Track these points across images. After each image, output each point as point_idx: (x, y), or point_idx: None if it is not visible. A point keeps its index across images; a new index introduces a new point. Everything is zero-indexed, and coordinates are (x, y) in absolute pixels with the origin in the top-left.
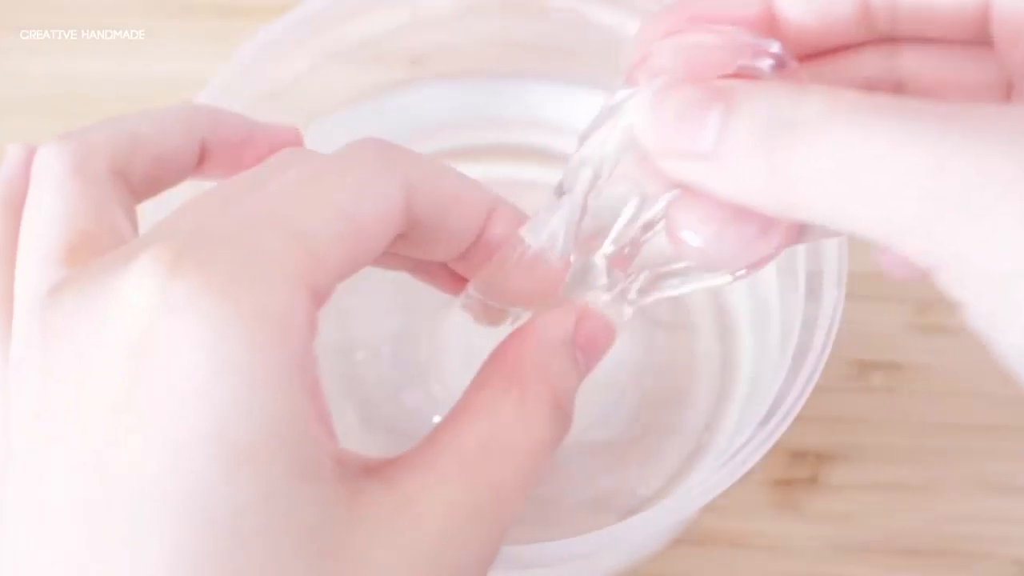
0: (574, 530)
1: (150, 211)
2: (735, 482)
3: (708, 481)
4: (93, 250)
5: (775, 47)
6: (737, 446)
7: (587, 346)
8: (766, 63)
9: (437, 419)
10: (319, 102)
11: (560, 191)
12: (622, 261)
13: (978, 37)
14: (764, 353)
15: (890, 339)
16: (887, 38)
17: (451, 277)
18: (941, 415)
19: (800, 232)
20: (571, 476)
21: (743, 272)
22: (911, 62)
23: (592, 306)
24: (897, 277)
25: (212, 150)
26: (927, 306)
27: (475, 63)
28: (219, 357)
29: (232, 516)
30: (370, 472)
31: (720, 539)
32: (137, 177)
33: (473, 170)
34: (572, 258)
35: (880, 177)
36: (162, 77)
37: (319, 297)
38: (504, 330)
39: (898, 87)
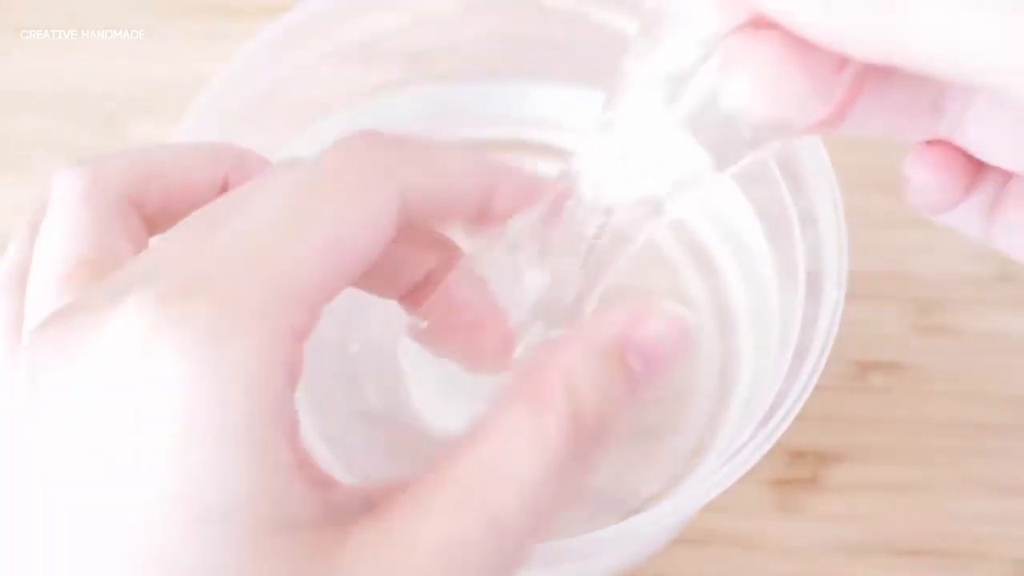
0: (574, 530)
1: None
2: (735, 482)
3: (708, 481)
4: (91, 278)
5: None
6: (737, 446)
7: (646, 352)
8: None
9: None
10: (319, 102)
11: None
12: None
13: None
14: (764, 353)
15: (890, 339)
16: None
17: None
18: (941, 415)
19: (853, 103)
20: None
21: (783, 136)
22: None
23: (654, 302)
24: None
25: (233, 189)
26: (927, 306)
27: (475, 63)
28: (192, 416)
29: (200, 574)
30: (369, 505)
31: (720, 539)
32: (152, 207)
33: None
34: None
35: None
36: (162, 77)
37: (303, 330)
38: None
39: None
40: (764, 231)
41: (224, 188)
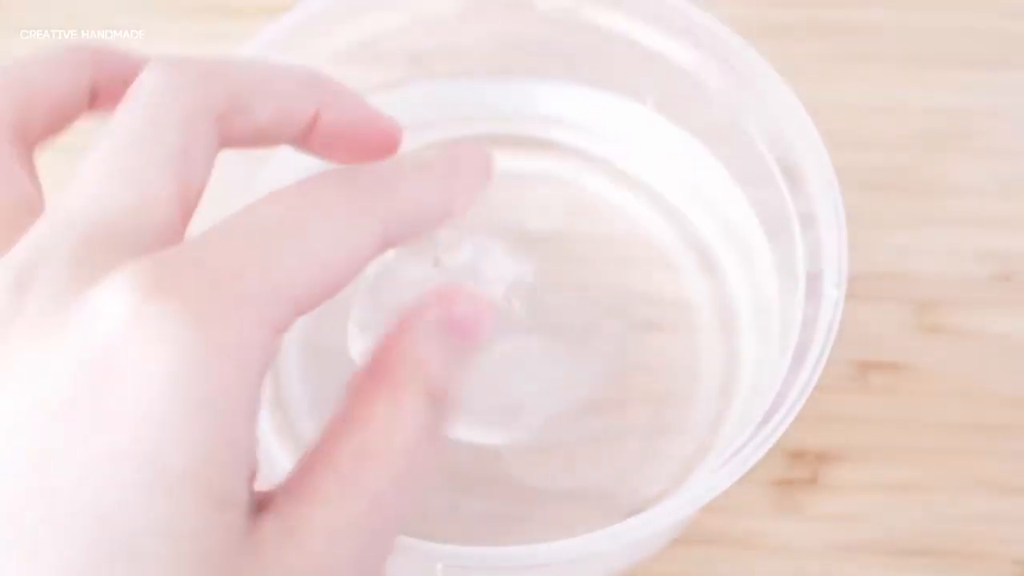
0: (575, 530)
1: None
2: (735, 482)
3: (708, 481)
4: (8, 224)
5: None
6: (737, 446)
7: (459, 329)
8: None
9: None
10: None
11: None
12: None
13: None
14: (765, 353)
15: (890, 339)
16: None
17: None
18: (941, 415)
19: None
20: (571, 476)
21: None
22: None
23: (463, 287)
24: None
25: (102, 87)
26: (927, 306)
27: (475, 63)
28: (174, 383)
29: (133, 536)
30: (263, 503)
31: (720, 539)
32: (36, 132)
33: None
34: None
35: None
36: None
37: (281, 331)
38: None
39: None
40: (764, 231)
41: (94, 89)
